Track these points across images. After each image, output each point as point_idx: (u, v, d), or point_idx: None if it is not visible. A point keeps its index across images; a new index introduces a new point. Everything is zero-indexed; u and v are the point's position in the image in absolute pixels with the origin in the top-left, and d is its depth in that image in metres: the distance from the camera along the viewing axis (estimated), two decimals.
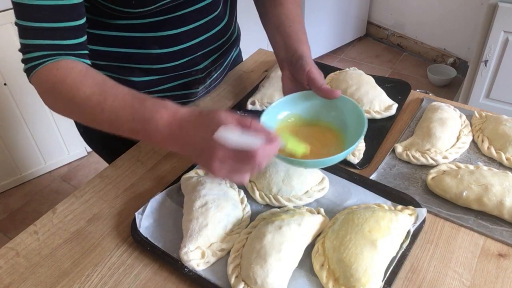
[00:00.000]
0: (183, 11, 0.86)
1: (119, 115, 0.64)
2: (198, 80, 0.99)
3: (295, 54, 0.78)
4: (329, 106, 0.76)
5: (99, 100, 0.65)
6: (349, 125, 0.75)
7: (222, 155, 0.56)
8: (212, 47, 0.95)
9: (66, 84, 0.67)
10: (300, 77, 0.76)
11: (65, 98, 0.67)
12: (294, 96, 0.77)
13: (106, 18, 0.81)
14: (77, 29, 0.71)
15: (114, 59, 0.88)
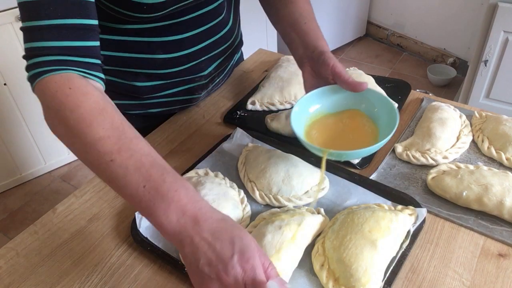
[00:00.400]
0: (189, 16, 0.86)
1: (128, 176, 0.55)
2: (201, 86, 0.99)
3: (316, 50, 0.78)
4: (357, 98, 0.76)
5: (111, 149, 0.56)
6: (380, 116, 0.75)
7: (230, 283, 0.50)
8: (216, 52, 0.96)
9: (78, 114, 0.57)
10: (324, 72, 0.76)
11: (72, 129, 0.58)
12: (322, 90, 0.77)
13: (112, 22, 0.81)
14: (88, 29, 0.63)
15: (118, 64, 0.88)
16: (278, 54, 1.25)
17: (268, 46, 2.64)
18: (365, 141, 0.74)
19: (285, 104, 1.01)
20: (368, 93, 0.75)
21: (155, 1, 0.74)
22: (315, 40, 0.80)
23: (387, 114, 0.73)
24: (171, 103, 0.98)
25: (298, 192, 0.77)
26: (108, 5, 0.75)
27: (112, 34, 0.84)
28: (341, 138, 0.75)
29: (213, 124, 1.00)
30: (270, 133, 0.95)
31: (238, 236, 0.51)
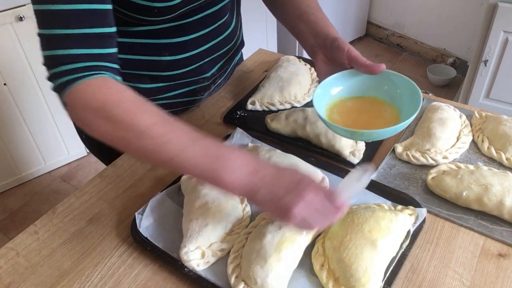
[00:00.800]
0: (194, 18, 0.86)
1: (187, 148, 0.60)
2: (204, 88, 0.99)
3: (328, 37, 0.78)
4: (378, 81, 0.76)
5: (164, 131, 0.60)
6: (403, 97, 0.74)
7: (309, 199, 0.57)
8: (219, 53, 0.96)
9: (123, 107, 0.61)
10: (340, 58, 0.76)
11: (119, 122, 0.60)
12: (342, 74, 0.76)
13: (118, 25, 0.81)
14: (110, 37, 0.66)
15: (123, 66, 0.88)
16: (278, 54, 1.25)
17: (268, 46, 2.64)
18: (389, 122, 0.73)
19: (285, 104, 1.01)
20: (387, 74, 0.74)
21: (165, 5, 0.75)
22: (326, 28, 0.81)
23: (409, 93, 0.72)
24: (173, 104, 0.98)
25: None
26: (118, 9, 0.75)
27: (119, 37, 0.84)
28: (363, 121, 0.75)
29: (213, 124, 1.00)
30: (270, 133, 0.95)
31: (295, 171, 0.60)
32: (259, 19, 2.43)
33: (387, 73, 0.74)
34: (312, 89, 1.06)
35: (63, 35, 0.61)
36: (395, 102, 0.75)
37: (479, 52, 2.08)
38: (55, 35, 0.61)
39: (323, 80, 0.76)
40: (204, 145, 0.61)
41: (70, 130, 2.17)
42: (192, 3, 0.80)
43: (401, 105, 0.74)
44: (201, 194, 0.74)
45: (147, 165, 0.90)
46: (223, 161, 0.59)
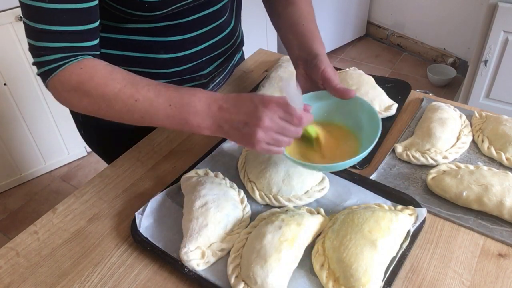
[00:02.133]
0: (192, 17, 0.86)
1: (154, 103, 0.66)
2: (202, 85, 0.99)
3: (311, 52, 0.77)
4: (344, 106, 0.75)
5: (131, 92, 0.67)
6: (364, 126, 0.74)
7: (268, 123, 0.62)
8: (218, 52, 0.96)
9: (94, 81, 0.68)
10: (315, 76, 0.75)
11: (94, 95, 0.68)
12: (309, 96, 0.76)
13: (115, 21, 0.81)
14: (93, 32, 0.71)
15: (120, 62, 0.88)
16: (278, 54, 1.25)
17: (268, 46, 2.64)
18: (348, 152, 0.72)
19: None
20: (354, 101, 0.73)
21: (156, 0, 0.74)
22: (311, 42, 0.80)
23: (370, 126, 0.72)
24: None
25: (298, 192, 0.77)
26: (111, 4, 0.75)
27: (115, 33, 0.84)
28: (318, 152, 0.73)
29: None
30: None
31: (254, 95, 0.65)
32: (259, 19, 2.43)
33: (355, 100, 0.73)
34: None
35: (48, 30, 0.66)
36: (357, 130, 0.75)
37: (479, 52, 2.08)
38: (40, 29, 0.66)
39: None
40: (167, 96, 0.66)
41: (70, 130, 2.17)
42: (183, 0, 0.79)
43: (362, 134, 0.74)
44: (201, 194, 0.74)
45: (147, 165, 0.90)
46: (187, 108, 0.65)
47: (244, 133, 0.64)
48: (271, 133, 0.64)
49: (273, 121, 0.63)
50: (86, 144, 1.10)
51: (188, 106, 0.66)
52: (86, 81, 0.68)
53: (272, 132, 0.63)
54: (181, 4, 0.79)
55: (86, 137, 1.06)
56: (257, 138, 0.63)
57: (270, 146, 0.65)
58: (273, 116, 0.63)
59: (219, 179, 0.81)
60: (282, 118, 0.64)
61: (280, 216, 0.70)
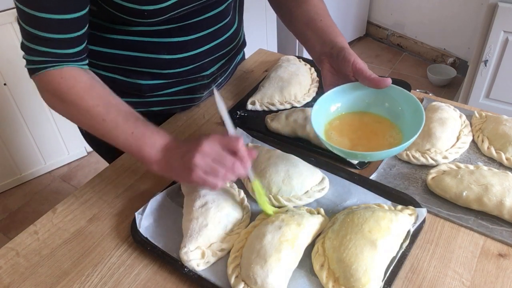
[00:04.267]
0: (194, 20, 0.86)
1: (119, 127, 0.71)
2: (204, 86, 0.99)
3: (335, 46, 0.76)
4: (380, 96, 0.74)
5: (102, 112, 0.72)
6: (403, 114, 0.72)
7: (206, 148, 0.65)
8: (220, 54, 0.96)
9: (71, 94, 0.72)
10: (345, 69, 0.74)
11: (68, 105, 0.73)
12: (342, 88, 0.74)
13: (117, 24, 0.82)
14: (80, 38, 0.73)
15: (122, 62, 0.88)
16: (278, 54, 1.25)
17: (268, 46, 2.64)
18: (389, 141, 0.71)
19: (285, 104, 1.01)
20: (391, 90, 0.72)
21: (155, 7, 0.74)
22: (333, 36, 0.79)
23: (411, 112, 0.70)
24: (172, 102, 0.98)
25: (298, 192, 0.77)
26: (110, 11, 0.75)
27: (118, 34, 0.84)
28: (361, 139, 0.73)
29: (213, 124, 1.00)
30: (270, 133, 0.95)
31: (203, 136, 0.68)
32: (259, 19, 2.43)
33: (391, 89, 0.72)
34: (313, 89, 1.06)
35: (37, 35, 0.69)
36: (396, 120, 0.74)
37: (479, 52, 2.08)
38: (30, 32, 0.69)
39: (323, 94, 0.74)
40: (133, 125, 0.71)
41: (70, 130, 2.17)
42: (183, 6, 0.79)
43: (403, 123, 0.72)
44: (201, 194, 0.74)
45: None
46: (147, 140, 0.70)
47: (184, 160, 0.66)
48: (208, 160, 0.65)
49: (212, 148, 0.65)
50: (86, 143, 1.10)
51: (148, 138, 0.70)
52: (64, 92, 0.72)
53: (210, 159, 0.65)
54: (181, 10, 0.79)
55: (86, 135, 1.07)
56: (193, 162, 0.65)
57: (207, 175, 0.65)
58: (212, 143, 0.66)
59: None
60: (222, 148, 0.66)
61: (280, 216, 0.70)
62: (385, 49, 3.21)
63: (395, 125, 0.74)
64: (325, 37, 0.80)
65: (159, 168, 0.70)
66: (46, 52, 0.71)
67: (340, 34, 0.80)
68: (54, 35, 0.69)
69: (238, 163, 0.66)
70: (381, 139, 0.72)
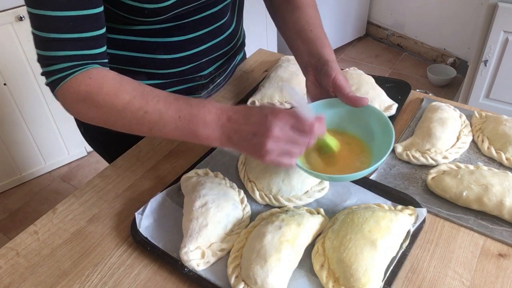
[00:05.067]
0: (192, 18, 0.86)
1: (163, 115, 0.65)
2: (201, 86, 0.99)
3: (321, 59, 0.76)
4: (355, 115, 0.73)
5: (141, 103, 0.66)
6: (375, 136, 0.72)
7: (277, 133, 0.60)
8: (218, 53, 0.96)
9: (103, 92, 0.67)
10: (326, 84, 0.74)
11: (102, 106, 0.67)
12: (319, 104, 0.74)
13: (115, 23, 0.81)
14: (100, 38, 0.70)
15: (119, 62, 0.88)
16: (278, 54, 1.25)
17: (268, 46, 2.64)
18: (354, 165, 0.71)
19: (285, 104, 1.01)
20: (367, 110, 0.72)
21: (155, 6, 0.74)
22: (320, 48, 0.78)
23: (383, 135, 0.70)
24: None
25: (298, 192, 0.77)
26: (111, 9, 0.75)
27: (116, 34, 0.84)
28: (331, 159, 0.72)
29: None
30: None
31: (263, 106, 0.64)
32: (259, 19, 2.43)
33: (367, 109, 0.71)
34: None
35: (55, 39, 0.65)
36: (369, 141, 0.73)
37: (479, 52, 2.08)
38: (48, 38, 0.65)
39: None
40: (177, 108, 0.65)
41: (70, 130, 2.17)
42: (184, 6, 0.79)
43: (374, 145, 0.72)
44: (201, 194, 0.74)
45: (147, 165, 0.90)
46: (197, 120, 0.64)
47: (254, 143, 0.62)
48: (281, 144, 0.61)
49: (283, 131, 0.61)
50: (86, 143, 1.10)
51: (197, 118, 0.64)
52: (95, 92, 0.67)
53: (282, 143, 0.61)
54: (181, 9, 0.80)
55: (86, 135, 1.07)
56: (266, 149, 0.61)
57: (281, 157, 0.63)
58: (283, 125, 0.61)
59: (219, 179, 0.81)
60: (292, 128, 0.62)
61: (280, 216, 0.70)
62: (385, 49, 3.21)
63: (367, 148, 0.73)
64: (313, 48, 0.79)
65: (222, 144, 0.65)
66: (68, 56, 0.66)
67: (328, 46, 0.80)
68: (73, 35, 0.66)
69: (312, 140, 0.63)
70: (349, 161, 0.72)
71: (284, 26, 0.88)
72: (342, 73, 0.73)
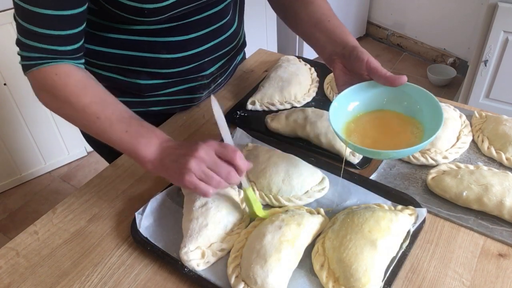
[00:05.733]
0: (194, 18, 0.86)
1: (113, 126, 0.70)
2: (203, 86, 0.99)
3: (347, 46, 0.76)
4: (397, 94, 0.73)
5: (96, 109, 0.71)
6: (423, 111, 0.71)
7: (202, 154, 0.65)
8: (220, 53, 0.95)
9: (66, 91, 0.71)
10: (358, 68, 0.74)
11: (62, 102, 0.72)
12: (359, 87, 0.73)
13: (116, 23, 0.82)
14: (76, 36, 0.73)
15: (121, 62, 0.88)
16: (278, 54, 1.25)
17: (268, 46, 2.64)
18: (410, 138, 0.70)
19: (285, 104, 1.01)
20: (407, 87, 0.71)
21: (154, 6, 0.75)
22: (344, 36, 0.79)
23: (430, 109, 0.69)
24: (172, 101, 0.98)
25: (298, 192, 0.77)
26: (111, 10, 0.75)
27: (117, 33, 0.84)
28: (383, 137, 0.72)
29: (213, 124, 1.00)
30: (270, 133, 0.95)
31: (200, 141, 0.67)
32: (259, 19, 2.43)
33: (408, 86, 0.71)
34: (313, 89, 1.06)
35: (32, 31, 0.69)
36: (415, 116, 0.73)
37: (479, 52, 2.08)
38: (26, 28, 0.69)
39: (340, 93, 0.73)
40: (128, 124, 0.71)
41: (70, 130, 2.17)
42: (183, 6, 0.79)
43: (422, 118, 0.72)
44: None
45: None
46: (141, 139, 0.69)
47: (179, 163, 0.66)
48: (203, 166, 0.65)
49: (207, 154, 0.65)
50: (86, 143, 1.10)
51: (142, 138, 0.70)
52: (58, 88, 0.72)
53: (204, 165, 0.65)
54: (181, 9, 0.80)
55: (86, 135, 1.06)
56: (188, 167, 0.64)
57: (200, 182, 0.65)
58: (208, 150, 0.65)
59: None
60: (217, 154, 0.66)
61: (280, 216, 0.70)
62: (385, 49, 3.21)
63: (416, 120, 0.72)
64: (335, 37, 0.80)
65: (153, 167, 0.70)
66: (41, 49, 0.70)
67: (350, 34, 0.81)
68: (51, 32, 0.69)
69: (233, 173, 0.66)
70: (402, 136, 0.72)
71: (299, 21, 0.87)
72: (372, 56, 0.73)
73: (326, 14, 0.84)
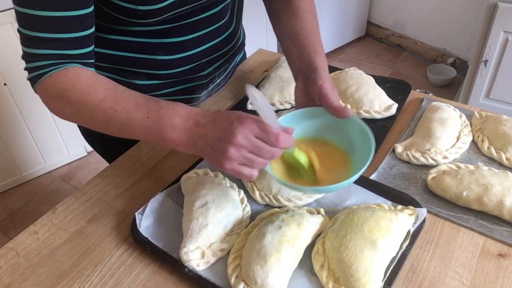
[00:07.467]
0: (191, 20, 0.85)
1: (132, 115, 0.65)
2: (201, 86, 0.99)
3: (310, 66, 0.74)
4: (339, 125, 0.71)
5: (112, 103, 0.66)
6: (357, 148, 0.71)
7: (241, 141, 0.59)
8: (218, 54, 0.95)
9: (76, 90, 0.67)
10: (312, 92, 0.72)
11: (75, 104, 0.68)
12: (304, 112, 0.73)
13: (114, 24, 0.81)
14: (84, 39, 0.70)
15: (119, 63, 0.88)
16: (278, 54, 1.25)
17: (268, 46, 2.64)
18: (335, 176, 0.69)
19: (285, 104, 1.01)
20: (351, 121, 0.70)
21: (149, 8, 0.74)
22: (312, 55, 0.76)
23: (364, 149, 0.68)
24: None
25: (298, 192, 0.77)
26: (107, 11, 0.75)
27: (114, 34, 0.84)
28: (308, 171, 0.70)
29: None
30: None
31: (232, 112, 0.61)
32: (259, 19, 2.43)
33: (351, 120, 0.69)
34: None
35: (38, 37, 0.66)
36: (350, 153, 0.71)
37: (479, 52, 2.08)
38: (31, 36, 0.66)
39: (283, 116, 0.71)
40: (146, 109, 0.65)
41: (70, 130, 2.17)
42: (178, 8, 0.79)
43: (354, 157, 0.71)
44: (201, 194, 0.74)
45: (147, 165, 0.90)
46: (164, 121, 0.63)
47: (216, 149, 0.60)
48: (244, 152, 0.59)
49: (247, 139, 0.59)
50: (86, 143, 1.10)
51: (165, 119, 0.63)
52: (69, 89, 0.67)
53: (245, 151, 0.59)
54: (177, 11, 0.79)
55: (86, 135, 1.07)
56: (227, 156, 0.59)
57: (241, 167, 0.61)
58: (248, 133, 0.59)
59: (219, 179, 0.81)
60: (257, 137, 0.60)
61: (280, 216, 0.70)
62: (385, 49, 3.21)
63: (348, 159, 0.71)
64: (304, 54, 0.77)
65: (186, 150, 0.64)
66: (50, 55, 0.68)
67: (320, 53, 0.77)
68: (59, 35, 0.67)
69: (278, 153, 0.61)
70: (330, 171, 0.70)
71: (281, 30, 0.86)
72: (330, 82, 0.71)
73: (305, 29, 0.81)
